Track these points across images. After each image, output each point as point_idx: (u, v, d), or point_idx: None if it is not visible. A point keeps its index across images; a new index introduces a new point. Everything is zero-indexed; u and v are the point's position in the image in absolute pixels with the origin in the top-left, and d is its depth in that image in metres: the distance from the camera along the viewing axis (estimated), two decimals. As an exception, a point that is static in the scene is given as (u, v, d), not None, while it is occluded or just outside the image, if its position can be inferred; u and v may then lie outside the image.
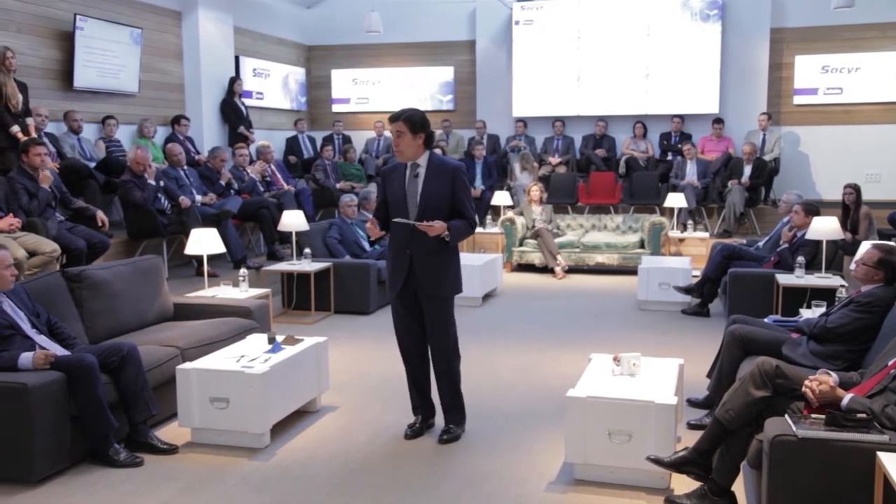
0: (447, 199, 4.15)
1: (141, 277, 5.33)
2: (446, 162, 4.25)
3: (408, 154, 4.13)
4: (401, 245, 4.20)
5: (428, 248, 4.14)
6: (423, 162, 4.17)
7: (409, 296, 4.25)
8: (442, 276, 4.21)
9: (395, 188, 4.21)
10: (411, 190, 4.16)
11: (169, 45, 10.59)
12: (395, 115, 4.13)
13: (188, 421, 4.28)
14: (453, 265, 4.28)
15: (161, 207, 7.92)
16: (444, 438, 4.28)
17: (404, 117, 4.09)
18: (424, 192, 4.14)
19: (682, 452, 3.49)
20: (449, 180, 4.14)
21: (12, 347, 3.98)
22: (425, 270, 4.17)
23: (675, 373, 4.15)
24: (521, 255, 9.90)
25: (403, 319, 4.32)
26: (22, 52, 8.01)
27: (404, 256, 4.18)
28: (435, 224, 4.04)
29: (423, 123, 4.14)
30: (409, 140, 4.10)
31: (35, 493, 3.72)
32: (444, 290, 4.24)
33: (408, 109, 4.17)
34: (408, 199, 4.15)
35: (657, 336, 6.63)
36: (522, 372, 5.67)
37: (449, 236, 4.10)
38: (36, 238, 6.23)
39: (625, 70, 12.57)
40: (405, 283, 4.20)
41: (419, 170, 4.16)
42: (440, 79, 13.66)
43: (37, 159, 6.61)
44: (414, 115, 4.12)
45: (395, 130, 4.11)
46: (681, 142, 11.88)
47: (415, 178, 4.15)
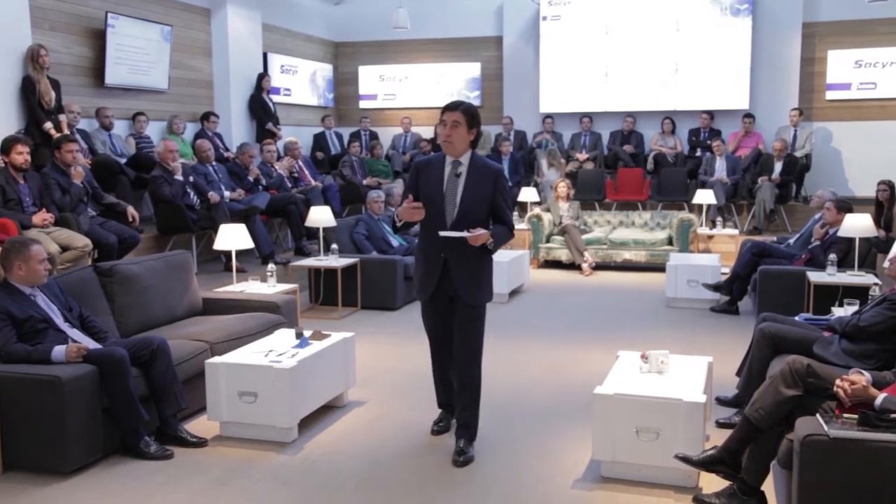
0: (487, 202, 3.93)
1: (171, 272, 5.39)
2: (488, 163, 4.02)
3: (459, 148, 3.89)
4: (435, 248, 3.94)
5: (466, 253, 3.90)
6: (466, 161, 3.93)
7: (442, 299, 4.05)
8: (477, 283, 4.01)
9: (431, 185, 3.95)
10: (451, 189, 3.91)
11: (198, 41, 10.68)
12: (453, 104, 3.91)
13: (217, 415, 4.32)
14: (489, 272, 4.09)
15: (190, 203, 7.99)
16: (461, 461, 3.95)
17: (463, 108, 3.88)
18: (465, 193, 3.90)
19: (711, 451, 3.46)
20: (491, 183, 3.93)
21: (46, 340, 4.04)
22: (462, 277, 3.95)
23: (703, 371, 4.11)
24: (548, 252, 9.87)
25: (433, 316, 4.15)
26: (55, 50, 8.13)
27: (438, 260, 3.95)
28: (480, 233, 3.82)
29: (479, 119, 3.95)
30: (463, 133, 3.86)
31: (68, 483, 3.78)
32: (481, 298, 4.03)
33: (465, 101, 3.97)
34: (446, 199, 3.91)
35: (685, 334, 6.57)
36: (549, 368, 5.65)
37: (493, 244, 3.90)
38: (68, 233, 6.32)
39: (653, 65, 12.47)
40: (437, 287, 4.00)
41: (461, 169, 3.91)
42: (467, 75, 13.64)
43: (69, 156, 6.71)
44: (472, 108, 3.93)
45: (451, 120, 3.85)
46: (710, 138, 11.77)
47: (456, 177, 3.91)
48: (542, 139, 12.52)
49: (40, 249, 4.19)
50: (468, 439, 4.06)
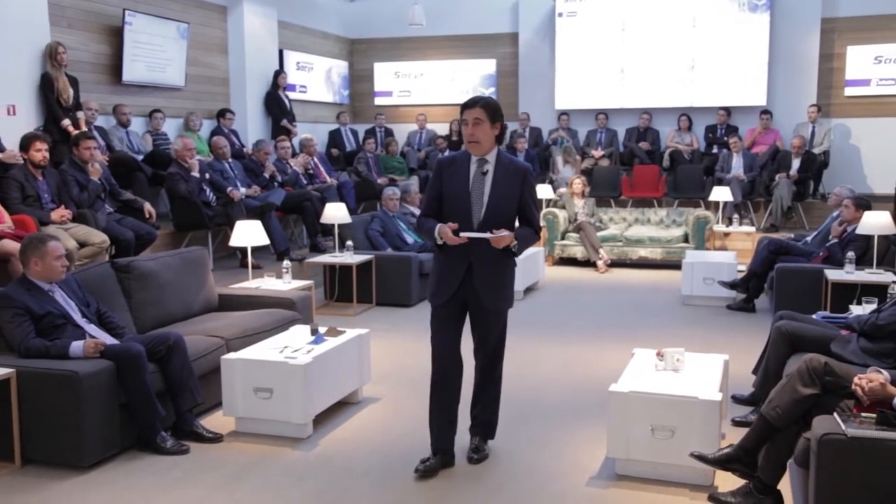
0: (514, 202, 3.72)
1: (187, 268, 5.42)
2: (516, 161, 3.83)
3: (485, 145, 3.66)
4: (460, 250, 3.69)
5: (492, 257, 3.70)
6: (492, 159, 3.72)
7: (456, 304, 3.80)
8: (501, 289, 3.81)
9: (456, 184, 3.72)
10: (476, 189, 3.69)
11: (214, 39, 10.73)
12: (472, 100, 3.68)
13: (233, 410, 4.34)
14: (512, 277, 3.90)
15: (206, 200, 8.03)
16: (476, 458, 3.91)
17: (482, 103, 3.65)
18: (493, 192, 3.68)
19: (727, 449, 3.44)
20: (519, 182, 3.72)
21: (64, 336, 4.07)
22: (486, 282, 3.73)
23: (719, 369, 4.09)
24: (563, 249, 9.84)
25: (445, 322, 3.84)
26: (73, 47, 8.19)
27: (462, 264, 3.72)
28: (504, 234, 3.61)
29: (501, 112, 3.72)
30: (487, 129, 3.64)
31: (85, 477, 3.81)
32: (503, 305, 3.85)
33: (483, 96, 3.74)
34: (472, 199, 3.68)
35: (701, 331, 6.54)
36: (564, 366, 5.64)
37: (517, 246, 3.70)
38: (86, 229, 6.37)
39: (670, 62, 12.41)
40: (456, 292, 3.76)
41: (487, 167, 3.69)
42: (482, 71, 13.63)
43: (86, 153, 6.76)
44: (492, 101, 3.71)
45: (472, 118, 3.62)
46: (727, 134, 11.70)
47: (482, 175, 3.69)
48: (558, 136, 12.49)
49: (57, 246, 4.21)
50: (484, 437, 3.99)
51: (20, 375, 3.86)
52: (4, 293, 4.12)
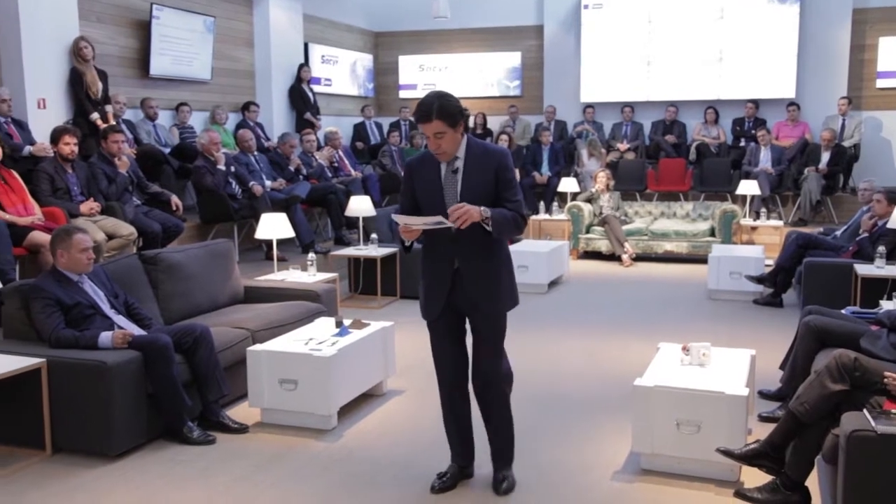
0: (489, 189, 3.36)
1: (213, 261, 5.46)
2: (489, 148, 3.47)
3: (452, 151, 3.34)
4: (443, 255, 3.42)
5: (477, 252, 3.39)
6: (462, 153, 3.38)
7: (452, 316, 3.50)
8: (495, 284, 3.44)
9: (427, 184, 3.42)
10: (449, 186, 3.38)
11: (240, 32, 10.78)
12: (424, 113, 3.24)
13: (258, 401, 4.38)
14: (507, 271, 3.52)
15: (232, 192, 8.09)
16: (504, 488, 3.55)
17: (437, 113, 3.22)
18: (465, 186, 3.36)
19: (754, 445, 3.41)
20: (492, 168, 3.36)
21: (93, 326, 4.13)
22: (475, 280, 3.41)
23: (746, 364, 4.05)
24: (588, 243, 9.79)
25: (444, 338, 3.55)
26: (101, 42, 8.28)
27: (447, 269, 3.42)
28: (467, 208, 3.19)
29: (460, 109, 3.30)
30: (451, 137, 3.28)
31: (114, 466, 3.86)
32: (500, 303, 3.47)
33: (433, 99, 3.27)
34: (445, 197, 3.37)
35: (728, 326, 6.48)
36: (589, 360, 5.62)
37: (489, 221, 3.25)
38: (114, 221, 6.45)
39: (697, 54, 12.29)
40: (447, 301, 3.45)
41: (457, 163, 3.37)
42: (507, 64, 13.58)
43: (114, 146, 6.84)
44: (446, 105, 3.25)
45: (431, 133, 3.25)
46: (754, 127, 11.56)
47: (453, 173, 3.37)
48: (583, 129, 12.43)
49: (82, 238, 4.25)
50: (506, 462, 3.65)
51: (50, 365, 3.91)
52: (35, 284, 4.18)
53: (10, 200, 5.86)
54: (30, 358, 3.90)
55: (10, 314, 4.31)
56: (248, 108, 10.26)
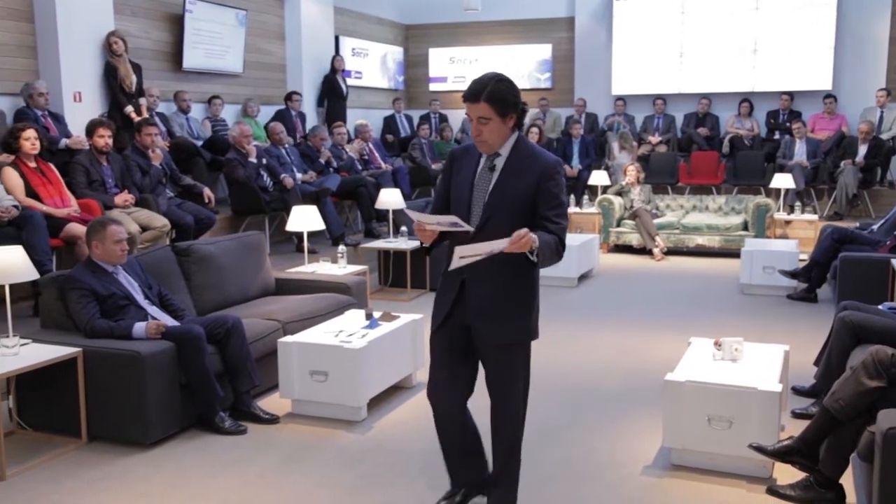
0: (526, 202, 2.84)
1: (245, 252, 5.51)
2: (539, 153, 2.92)
3: (495, 144, 2.87)
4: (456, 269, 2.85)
5: (493, 270, 2.84)
6: (506, 150, 2.90)
7: (454, 328, 2.99)
8: (504, 307, 2.90)
9: (461, 179, 2.97)
10: (481, 185, 2.91)
11: (272, 26, 10.85)
12: (474, 90, 2.80)
13: (289, 392, 4.41)
14: (525, 295, 2.94)
15: (263, 185, 8.15)
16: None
17: (486, 95, 2.77)
18: (497, 188, 2.87)
19: (787, 441, 3.37)
20: (535, 177, 2.84)
21: (127, 317, 4.18)
22: (483, 304, 2.89)
23: (779, 359, 4.00)
24: (619, 236, 9.73)
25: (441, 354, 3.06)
26: (136, 35, 8.38)
27: (455, 279, 2.93)
28: (527, 233, 2.64)
29: (515, 98, 2.83)
30: (496, 127, 2.82)
31: (149, 454, 3.92)
32: (513, 334, 2.93)
33: (488, 80, 2.81)
34: (473, 198, 2.90)
35: (761, 321, 6.40)
36: (619, 354, 5.58)
37: (538, 250, 2.70)
38: (148, 213, 6.53)
39: (731, 45, 12.14)
40: (451, 313, 2.98)
41: (498, 160, 2.90)
42: (538, 57, 13.51)
43: (148, 139, 6.94)
44: (500, 90, 2.80)
45: (475, 116, 2.81)
46: (789, 120, 11.39)
47: (489, 170, 2.90)
48: (614, 122, 12.34)
49: (116, 230, 4.30)
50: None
51: (86, 354, 3.98)
52: (71, 275, 4.25)
53: (48, 192, 5.96)
54: (66, 347, 3.97)
55: (48, 304, 4.38)
56: (290, 97, 10.32)
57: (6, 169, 5.83)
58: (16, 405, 4.15)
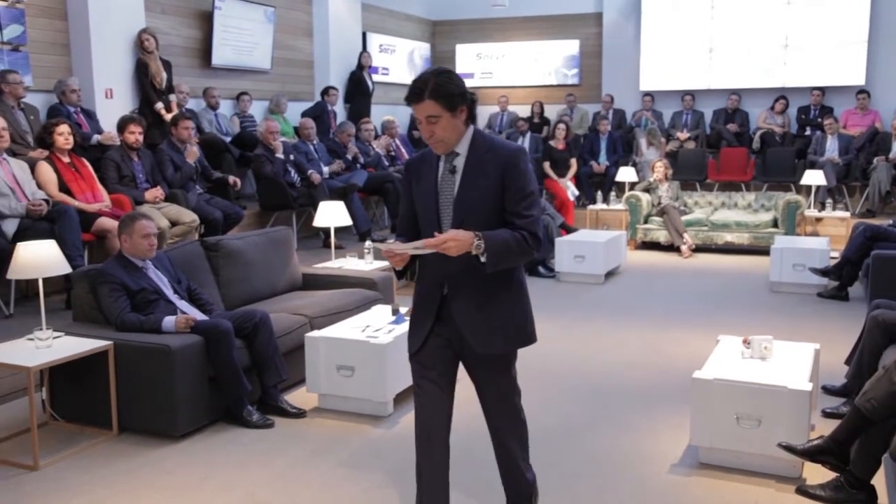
0: (494, 199, 2.67)
1: (272, 248, 5.55)
2: (499, 144, 2.73)
3: (451, 141, 2.68)
4: (432, 278, 2.79)
5: (472, 276, 2.68)
6: (464, 148, 2.71)
7: (435, 350, 2.81)
8: (493, 317, 2.73)
9: (424, 190, 2.76)
10: (446, 190, 2.72)
11: (300, 22, 10.90)
12: (416, 90, 2.63)
13: (316, 387, 4.44)
14: (513, 301, 2.78)
15: (291, 181, 8.20)
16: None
17: (430, 92, 2.60)
18: (462, 191, 2.69)
19: (817, 441, 3.33)
20: (498, 171, 2.65)
21: (157, 311, 4.23)
22: (465, 311, 2.72)
23: (809, 358, 3.95)
24: (646, 233, 9.66)
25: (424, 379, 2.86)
26: (166, 32, 8.47)
27: (434, 295, 2.79)
28: (451, 237, 2.55)
29: (462, 91, 2.67)
30: (447, 123, 2.64)
31: (178, 446, 3.97)
32: (496, 342, 2.76)
33: (428, 76, 2.65)
34: (440, 204, 2.72)
35: (790, 319, 6.33)
36: (646, 351, 5.55)
37: (484, 252, 2.57)
38: (177, 209, 6.60)
39: (761, 40, 12.00)
40: (432, 332, 2.79)
41: (457, 160, 2.71)
42: (565, 52, 13.45)
43: (185, 133, 7.06)
44: (443, 83, 2.63)
45: (423, 117, 2.63)
46: (821, 115, 11.23)
47: (451, 173, 2.71)
48: (642, 117, 12.25)
49: (144, 225, 4.34)
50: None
51: (117, 348, 4.03)
52: (102, 269, 4.31)
53: (80, 188, 6.04)
54: (98, 340, 4.03)
55: (79, 298, 4.45)
56: (327, 92, 10.37)
57: (40, 164, 5.92)
58: (49, 397, 4.23)
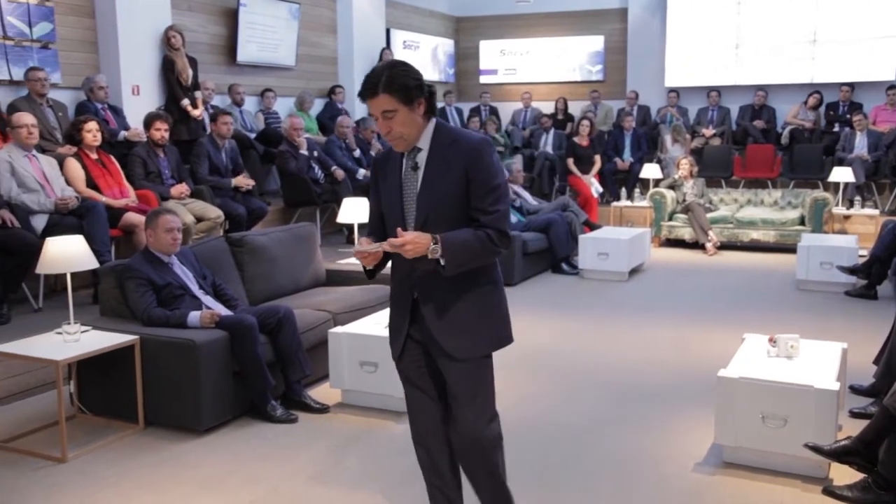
0: (461, 196, 2.53)
1: (296, 244, 5.57)
2: (460, 137, 2.59)
3: (411, 137, 2.55)
4: (403, 281, 2.66)
5: (442, 281, 2.54)
6: (425, 142, 2.58)
7: (415, 355, 2.74)
8: (465, 319, 2.61)
9: (388, 187, 2.65)
10: (409, 188, 2.60)
11: (324, 19, 10.94)
12: (368, 84, 2.49)
13: (339, 382, 4.45)
14: (487, 303, 2.67)
15: (315, 177, 8.24)
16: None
17: (384, 86, 2.46)
18: (425, 188, 2.56)
19: (845, 441, 3.29)
20: (461, 167, 2.52)
21: (182, 306, 4.27)
22: (436, 314, 2.60)
23: (837, 357, 3.90)
24: (671, 230, 9.59)
25: (414, 392, 2.82)
26: (192, 30, 8.53)
27: (406, 297, 2.66)
28: (409, 239, 2.43)
29: (419, 83, 2.53)
30: (405, 117, 2.50)
31: (203, 441, 4.01)
32: (468, 344, 2.63)
33: (381, 70, 2.50)
34: (405, 204, 2.60)
35: (817, 318, 6.25)
36: (670, 349, 5.51)
37: (442, 255, 2.45)
38: (202, 204, 6.66)
39: (789, 35, 11.85)
40: (409, 335, 2.70)
41: (420, 156, 2.59)
42: (590, 48, 13.38)
43: (223, 128, 7.24)
44: (398, 75, 2.49)
45: (378, 112, 2.50)
46: (849, 112, 11.08)
47: (413, 169, 2.59)
48: (667, 114, 12.16)
49: (168, 219, 4.37)
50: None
51: (143, 342, 4.08)
52: (129, 265, 4.35)
53: (108, 184, 6.11)
54: (124, 335, 4.08)
55: (106, 292, 4.50)
56: (333, 91, 10.40)
57: (69, 160, 5.99)
58: (77, 390, 4.28)
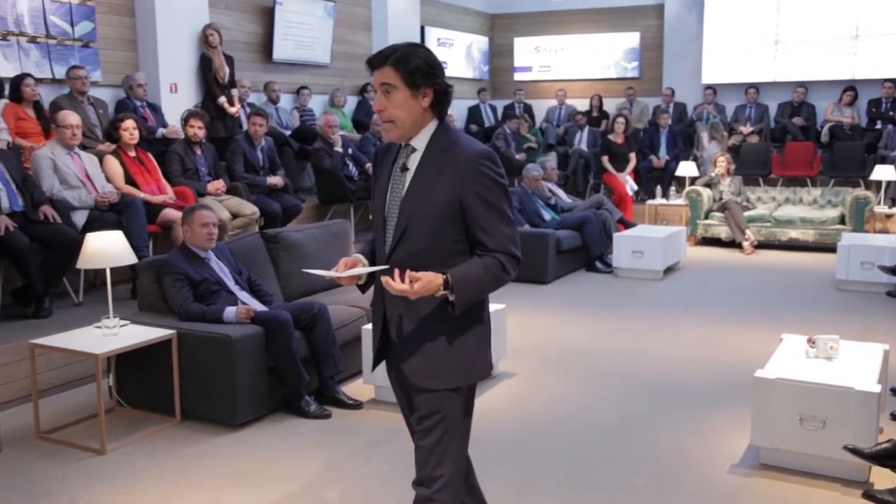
0: (447, 212, 2.18)
1: (331, 240, 5.60)
2: (458, 146, 2.20)
3: (405, 126, 2.20)
4: (378, 301, 2.38)
5: (417, 304, 2.20)
6: (422, 143, 2.24)
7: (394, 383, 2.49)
8: (430, 346, 2.25)
9: (378, 185, 2.36)
10: (394, 192, 2.27)
11: (359, 17, 10.98)
12: (380, 53, 2.20)
13: (372, 379, 4.46)
14: (459, 331, 2.26)
15: (349, 174, 8.28)
16: None
17: (394, 58, 2.16)
18: (410, 196, 2.23)
19: (886, 444, 3.23)
20: (453, 181, 2.16)
21: (218, 301, 4.32)
22: (401, 335, 2.30)
23: (878, 359, 3.83)
24: (707, 229, 9.48)
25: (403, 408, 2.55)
26: (229, 28, 8.62)
27: (378, 315, 2.37)
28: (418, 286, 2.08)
29: (430, 69, 2.18)
30: (403, 99, 2.17)
31: (237, 435, 4.05)
32: (428, 373, 2.27)
33: (400, 45, 2.22)
34: (387, 207, 2.28)
35: (858, 319, 6.14)
36: (707, 349, 5.45)
37: (454, 295, 2.13)
38: (238, 201, 6.73)
39: (830, 31, 11.64)
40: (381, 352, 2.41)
41: (412, 157, 2.25)
42: (625, 45, 13.27)
43: (252, 128, 7.42)
44: (412, 54, 2.17)
45: (378, 83, 2.18)
46: (892, 108, 10.85)
47: (402, 172, 2.26)
48: (704, 111, 12.02)
49: (203, 214, 4.42)
50: None
51: (180, 337, 4.13)
52: (166, 260, 4.41)
53: (146, 180, 6.20)
54: (162, 329, 4.14)
55: (145, 287, 4.57)
56: (366, 88, 10.45)
57: (108, 157, 6.09)
58: (115, 383, 4.35)
